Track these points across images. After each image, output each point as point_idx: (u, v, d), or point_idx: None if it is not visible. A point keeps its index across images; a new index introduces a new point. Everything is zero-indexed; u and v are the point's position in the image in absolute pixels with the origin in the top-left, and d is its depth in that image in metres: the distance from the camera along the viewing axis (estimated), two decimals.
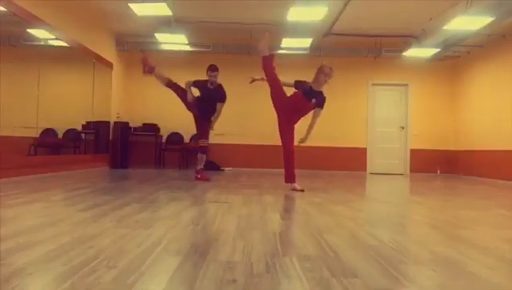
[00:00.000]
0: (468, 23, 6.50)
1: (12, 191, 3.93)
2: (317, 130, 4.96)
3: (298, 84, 4.82)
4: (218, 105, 5.90)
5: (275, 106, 4.98)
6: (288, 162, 4.88)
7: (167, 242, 2.03)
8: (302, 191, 4.65)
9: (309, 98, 4.67)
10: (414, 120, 9.42)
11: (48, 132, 6.36)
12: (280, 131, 4.94)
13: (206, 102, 5.89)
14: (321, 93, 4.72)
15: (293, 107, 4.78)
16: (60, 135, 6.72)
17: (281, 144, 4.95)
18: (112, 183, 5.24)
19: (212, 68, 5.85)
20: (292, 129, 4.89)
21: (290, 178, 4.89)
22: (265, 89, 9.51)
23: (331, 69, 4.65)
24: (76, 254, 1.75)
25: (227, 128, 9.36)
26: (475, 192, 5.56)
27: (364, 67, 9.30)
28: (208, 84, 5.82)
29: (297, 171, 4.92)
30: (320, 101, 4.71)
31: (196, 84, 5.92)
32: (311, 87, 4.71)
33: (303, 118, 4.81)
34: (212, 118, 5.97)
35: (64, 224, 2.40)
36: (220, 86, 5.90)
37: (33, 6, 5.47)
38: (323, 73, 4.62)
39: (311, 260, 1.77)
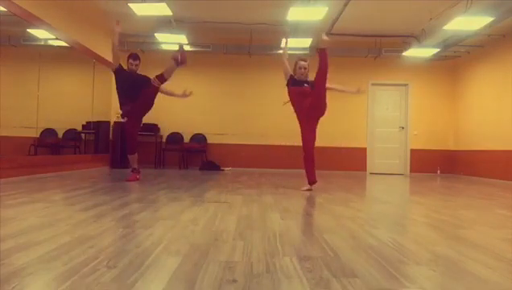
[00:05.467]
0: (468, 23, 6.50)
1: (12, 191, 3.93)
2: (318, 130, 4.98)
3: (289, 81, 5.04)
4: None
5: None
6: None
7: (167, 242, 2.03)
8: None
9: (300, 85, 4.91)
10: (414, 120, 9.42)
11: (48, 132, 6.36)
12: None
13: (128, 90, 5.26)
14: (306, 81, 4.96)
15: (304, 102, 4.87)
16: (60, 135, 6.72)
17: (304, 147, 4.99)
18: (112, 183, 5.24)
19: (134, 56, 5.36)
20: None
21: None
22: (264, 89, 9.54)
23: (303, 60, 4.98)
24: (76, 254, 1.75)
25: (227, 128, 9.37)
26: (475, 192, 5.56)
27: (364, 67, 9.30)
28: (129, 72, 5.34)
29: (299, 172, 4.95)
30: (311, 82, 4.90)
31: (117, 70, 5.36)
32: (292, 76, 5.00)
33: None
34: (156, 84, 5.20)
35: (63, 224, 2.40)
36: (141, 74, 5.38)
37: (33, 6, 5.47)
38: (297, 66, 4.97)
39: (311, 260, 1.77)
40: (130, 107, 5.29)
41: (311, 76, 4.82)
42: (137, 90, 5.24)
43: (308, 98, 4.77)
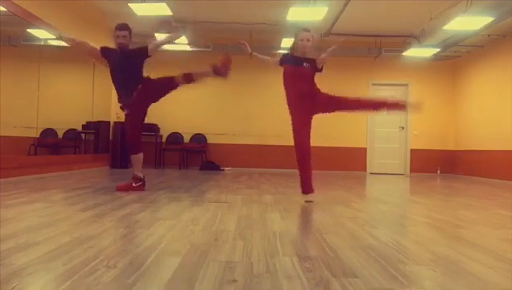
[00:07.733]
0: (468, 23, 6.50)
1: (12, 191, 3.92)
2: (317, 130, 4.67)
3: (282, 59, 4.08)
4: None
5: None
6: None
7: (167, 242, 2.03)
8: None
9: (298, 64, 3.87)
10: (414, 120, 9.41)
11: (48, 132, 6.36)
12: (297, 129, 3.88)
13: (120, 73, 4.42)
14: (306, 59, 3.88)
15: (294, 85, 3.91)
16: (60, 135, 6.72)
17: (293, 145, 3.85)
18: (112, 183, 5.24)
19: (120, 27, 4.30)
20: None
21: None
22: (265, 89, 9.52)
23: (305, 30, 3.88)
24: (76, 254, 1.75)
25: (227, 128, 9.37)
26: (475, 192, 5.56)
27: (364, 67, 9.30)
28: (118, 50, 4.38)
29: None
30: (314, 64, 3.87)
31: (103, 52, 4.49)
32: (292, 54, 3.98)
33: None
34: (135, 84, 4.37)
35: (63, 224, 2.40)
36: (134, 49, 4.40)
37: (33, 6, 5.47)
38: (298, 38, 3.84)
39: (311, 260, 1.77)
40: (128, 99, 4.43)
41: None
42: (131, 72, 4.38)
43: (304, 83, 3.82)
